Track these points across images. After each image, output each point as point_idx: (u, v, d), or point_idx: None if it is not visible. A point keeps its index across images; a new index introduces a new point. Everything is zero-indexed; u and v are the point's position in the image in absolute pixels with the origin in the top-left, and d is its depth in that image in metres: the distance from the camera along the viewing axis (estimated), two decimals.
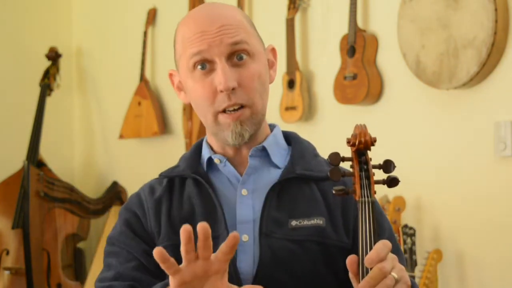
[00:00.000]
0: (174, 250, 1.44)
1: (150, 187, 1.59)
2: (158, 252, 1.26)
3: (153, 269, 1.48)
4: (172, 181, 1.58)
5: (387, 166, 1.38)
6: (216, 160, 1.55)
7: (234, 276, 1.43)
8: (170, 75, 1.59)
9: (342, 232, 1.48)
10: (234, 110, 1.46)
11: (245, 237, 1.47)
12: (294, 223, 1.47)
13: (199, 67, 1.47)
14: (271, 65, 1.56)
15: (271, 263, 1.44)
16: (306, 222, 1.47)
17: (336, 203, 1.51)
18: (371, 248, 1.27)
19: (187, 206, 1.52)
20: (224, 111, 1.47)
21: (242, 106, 1.46)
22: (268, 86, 1.53)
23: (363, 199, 1.32)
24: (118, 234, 1.54)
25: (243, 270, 1.44)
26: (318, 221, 1.47)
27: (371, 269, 1.25)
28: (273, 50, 1.57)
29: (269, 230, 1.46)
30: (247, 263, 1.45)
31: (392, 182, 1.37)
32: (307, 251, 1.45)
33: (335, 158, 1.34)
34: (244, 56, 1.47)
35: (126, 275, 1.48)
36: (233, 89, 1.45)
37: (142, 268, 1.49)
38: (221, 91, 1.45)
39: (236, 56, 1.46)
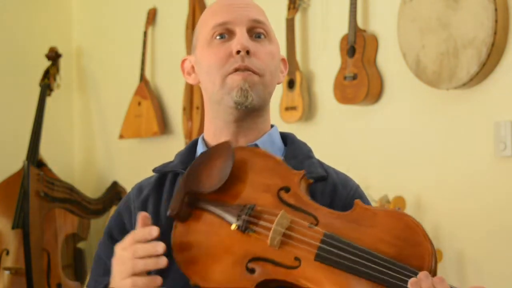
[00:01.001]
0: None
1: (138, 188, 1.60)
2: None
3: None
4: (164, 177, 1.58)
5: None
6: None
7: None
8: (183, 61, 1.61)
9: None
10: (244, 71, 1.49)
11: None
12: None
13: (218, 36, 1.51)
14: (281, 70, 1.60)
15: None
16: None
17: (324, 204, 1.49)
18: None
19: None
20: (234, 71, 1.49)
21: (252, 72, 1.49)
22: (277, 73, 1.57)
23: None
24: (101, 240, 1.58)
25: None
26: None
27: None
28: (283, 60, 1.62)
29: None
30: None
31: None
32: None
33: None
34: (262, 36, 1.53)
35: None
36: (247, 52, 1.48)
37: None
38: (237, 52, 1.48)
39: (255, 34, 1.52)
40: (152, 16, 4.00)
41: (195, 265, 1.32)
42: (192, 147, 1.60)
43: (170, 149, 3.87)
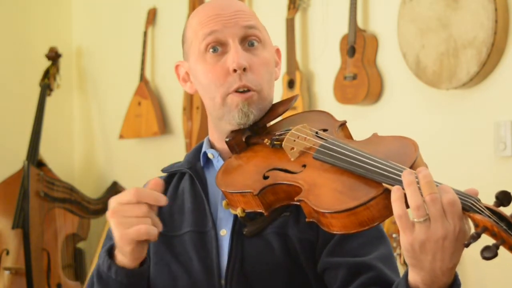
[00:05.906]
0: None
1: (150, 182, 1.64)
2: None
3: None
4: (172, 176, 1.62)
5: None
6: (209, 155, 1.58)
7: (215, 269, 1.46)
8: (176, 67, 1.60)
9: (306, 224, 1.44)
10: (244, 91, 1.48)
11: (223, 232, 1.49)
12: None
13: (211, 50, 1.48)
14: (276, 64, 1.59)
15: (240, 258, 1.46)
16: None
17: None
18: None
19: (180, 200, 1.56)
20: (234, 91, 1.48)
21: (250, 90, 1.48)
22: (273, 77, 1.56)
23: None
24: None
25: (222, 265, 1.47)
26: (285, 213, 1.47)
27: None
28: (277, 51, 1.60)
29: (242, 225, 1.47)
30: (224, 258, 1.47)
31: None
32: (269, 243, 1.46)
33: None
34: (256, 43, 1.50)
35: None
36: (244, 69, 1.47)
37: None
38: (234, 70, 1.46)
39: (248, 42, 1.49)
40: (152, 16, 4.01)
41: (228, 177, 1.45)
42: (198, 147, 1.63)
43: (170, 149, 3.88)
